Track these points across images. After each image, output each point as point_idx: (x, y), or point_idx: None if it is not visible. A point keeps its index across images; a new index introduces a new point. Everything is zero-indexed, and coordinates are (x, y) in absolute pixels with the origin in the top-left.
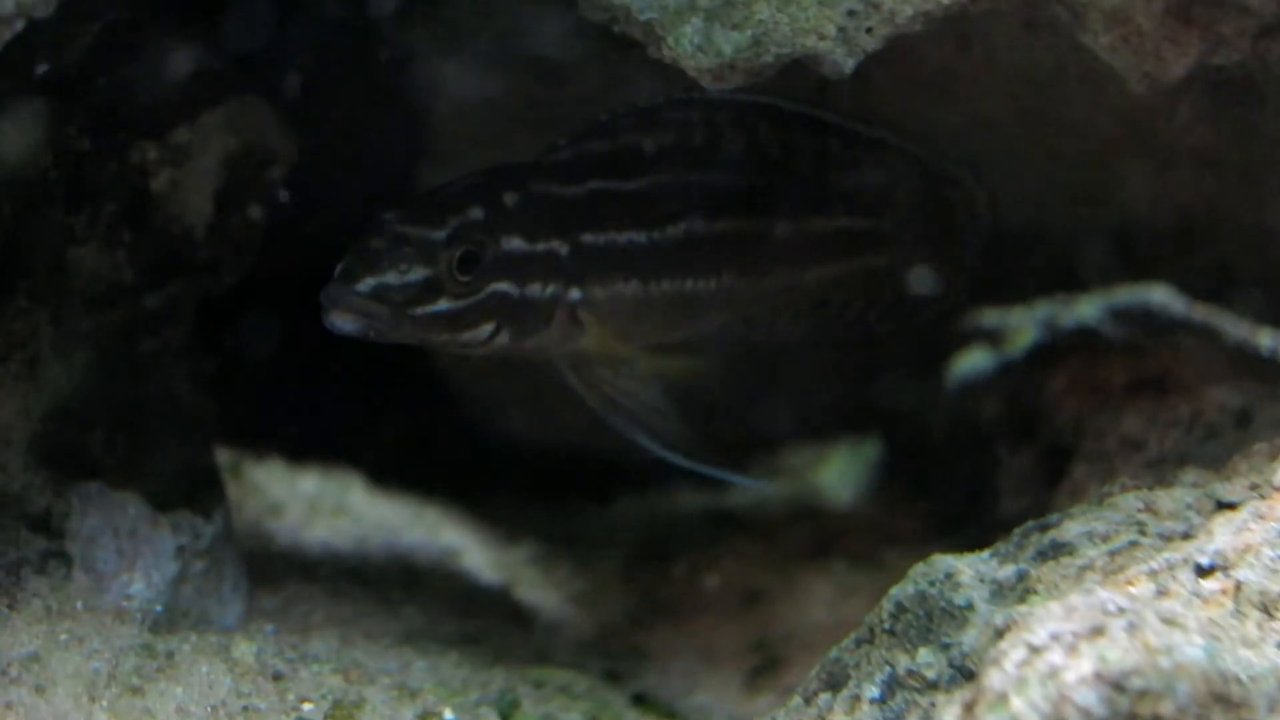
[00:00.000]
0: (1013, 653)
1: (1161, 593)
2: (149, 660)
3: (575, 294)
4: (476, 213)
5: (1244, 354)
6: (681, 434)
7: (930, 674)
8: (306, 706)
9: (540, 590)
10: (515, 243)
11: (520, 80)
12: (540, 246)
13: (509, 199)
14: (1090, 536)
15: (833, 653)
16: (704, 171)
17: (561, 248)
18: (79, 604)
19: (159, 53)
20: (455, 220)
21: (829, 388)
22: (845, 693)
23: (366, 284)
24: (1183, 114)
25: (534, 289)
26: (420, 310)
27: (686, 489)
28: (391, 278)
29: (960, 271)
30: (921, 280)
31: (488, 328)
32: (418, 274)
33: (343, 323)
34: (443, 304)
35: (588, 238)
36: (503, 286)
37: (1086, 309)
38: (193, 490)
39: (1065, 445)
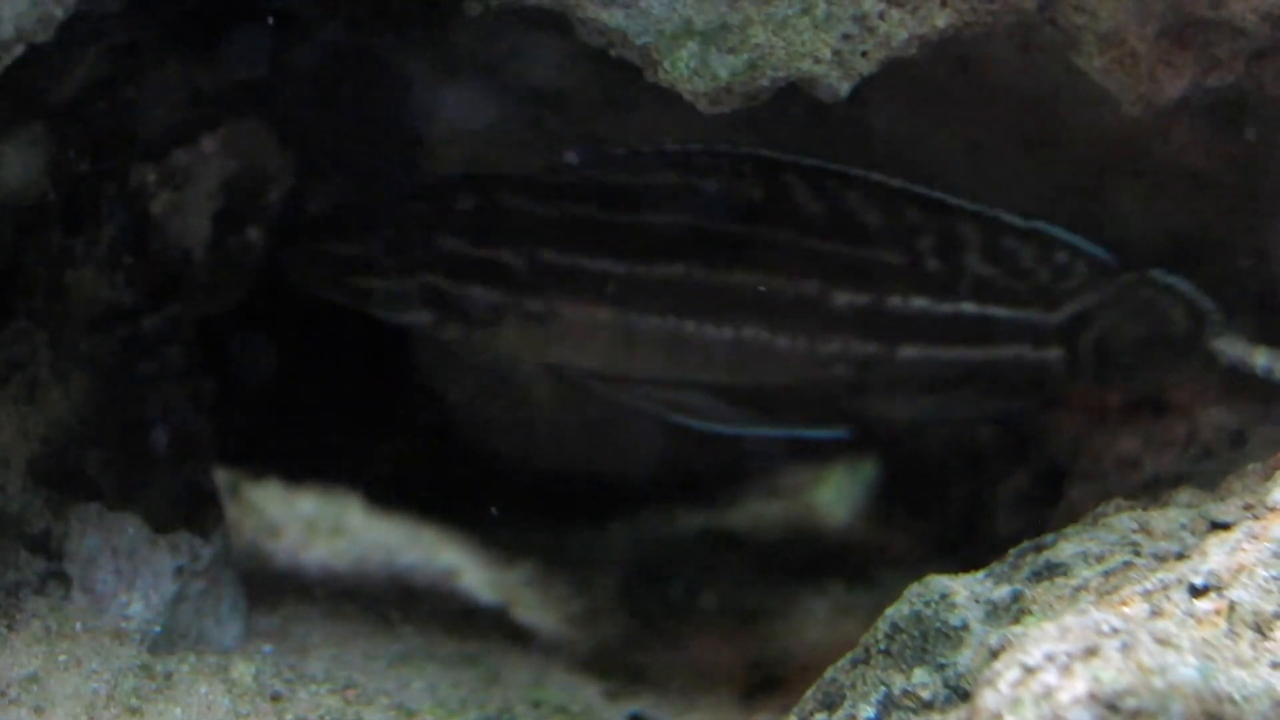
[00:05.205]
0: (1007, 673)
1: (1155, 613)
2: (147, 681)
3: (536, 306)
4: (422, 208)
5: (1239, 375)
6: (712, 406)
7: (925, 694)
8: None
9: (538, 611)
10: (455, 243)
11: (518, 104)
12: (485, 253)
13: (465, 203)
14: (1085, 557)
15: (829, 673)
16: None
17: (515, 260)
18: (78, 625)
19: (158, 77)
20: (400, 210)
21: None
22: (841, 713)
23: (313, 248)
24: (1177, 136)
25: (475, 291)
26: (354, 281)
27: (683, 510)
28: (337, 247)
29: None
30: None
31: (426, 315)
32: (355, 249)
33: (299, 280)
34: (374, 281)
35: (550, 256)
36: (432, 279)
37: None
38: (191, 511)
39: (1061, 466)
